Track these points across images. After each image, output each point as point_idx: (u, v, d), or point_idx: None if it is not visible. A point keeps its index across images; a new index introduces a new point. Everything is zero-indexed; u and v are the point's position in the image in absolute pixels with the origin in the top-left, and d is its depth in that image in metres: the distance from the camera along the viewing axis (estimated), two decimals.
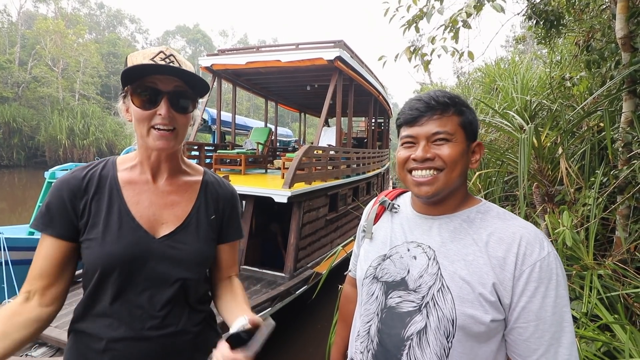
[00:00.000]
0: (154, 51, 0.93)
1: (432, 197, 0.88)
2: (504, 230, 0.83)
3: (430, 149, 0.86)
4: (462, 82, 10.11)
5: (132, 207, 0.96)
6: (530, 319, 0.77)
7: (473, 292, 0.80)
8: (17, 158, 25.62)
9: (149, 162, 1.00)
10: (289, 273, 4.68)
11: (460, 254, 0.84)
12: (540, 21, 2.89)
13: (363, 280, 1.00)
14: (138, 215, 0.96)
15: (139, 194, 0.99)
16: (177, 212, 1.02)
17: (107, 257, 0.91)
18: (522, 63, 5.64)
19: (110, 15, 51.12)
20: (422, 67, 2.82)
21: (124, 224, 0.94)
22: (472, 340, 0.80)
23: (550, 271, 0.77)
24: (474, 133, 0.89)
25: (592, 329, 1.60)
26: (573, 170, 2.44)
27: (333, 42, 6.29)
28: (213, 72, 7.18)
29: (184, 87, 0.94)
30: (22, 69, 27.11)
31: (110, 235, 0.92)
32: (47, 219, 0.93)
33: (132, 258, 0.93)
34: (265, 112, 10.86)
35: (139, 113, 0.91)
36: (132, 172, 1.01)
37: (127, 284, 0.93)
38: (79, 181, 0.96)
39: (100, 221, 0.93)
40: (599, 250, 2.23)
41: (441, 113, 0.86)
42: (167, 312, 0.96)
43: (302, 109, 13.45)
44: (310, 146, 5.38)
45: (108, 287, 0.92)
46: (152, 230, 0.97)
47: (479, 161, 0.91)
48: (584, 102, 2.85)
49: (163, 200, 1.01)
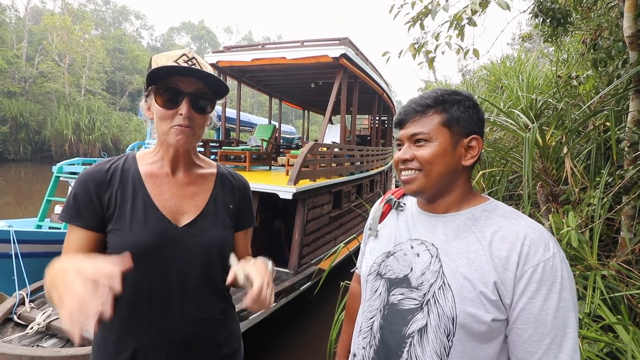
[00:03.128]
0: (177, 54, 0.99)
1: (417, 195, 0.92)
2: (509, 229, 0.82)
3: (411, 150, 0.90)
4: (467, 80, 10.05)
5: (155, 199, 1.02)
6: (529, 321, 0.75)
7: (474, 290, 0.79)
8: (23, 152, 25.81)
9: (168, 157, 1.07)
10: (293, 269, 4.70)
11: (463, 251, 0.84)
12: (547, 19, 2.86)
13: (367, 276, 1.01)
14: (161, 205, 1.02)
15: (160, 186, 1.05)
16: (196, 202, 1.08)
17: (136, 244, 0.96)
18: (528, 61, 5.58)
19: (116, 11, 51.35)
20: (427, 64, 2.81)
21: (149, 214, 1.00)
22: (473, 340, 0.80)
23: (554, 273, 0.75)
24: (465, 128, 0.88)
25: (594, 330, 1.60)
26: (578, 170, 2.42)
27: (338, 39, 6.27)
28: (219, 69, 7.19)
29: (204, 89, 1.00)
30: (29, 64, 27.27)
31: (137, 224, 0.98)
32: (74, 211, 0.97)
33: (158, 245, 0.98)
34: (269, 109, 10.86)
35: (162, 112, 0.97)
36: (153, 166, 1.07)
37: (153, 270, 0.98)
38: (103, 174, 1.01)
39: (127, 211, 0.99)
40: (603, 250, 2.21)
41: (421, 115, 0.89)
42: (191, 297, 1.02)
43: (305, 106, 13.42)
44: (315, 143, 5.38)
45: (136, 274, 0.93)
46: (175, 219, 1.03)
47: (475, 157, 0.89)
48: (590, 101, 2.83)
49: (183, 192, 1.07)
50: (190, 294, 1.03)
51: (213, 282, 1.07)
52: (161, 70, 0.94)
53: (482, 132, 0.91)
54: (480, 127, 0.90)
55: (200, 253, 1.04)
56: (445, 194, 0.91)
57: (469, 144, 0.89)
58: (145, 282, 0.98)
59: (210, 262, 1.06)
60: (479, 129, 0.90)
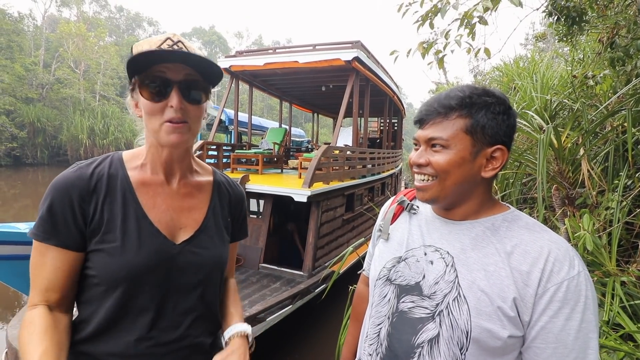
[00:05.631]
0: (161, 38, 0.85)
1: (430, 203, 0.88)
2: (532, 243, 0.77)
3: (426, 155, 0.84)
4: (479, 81, 9.93)
5: (149, 212, 0.88)
6: (549, 341, 0.71)
7: (492, 304, 0.75)
8: (40, 156, 26.42)
9: (161, 161, 0.92)
10: (307, 271, 4.73)
11: (481, 263, 0.79)
12: (562, 18, 2.80)
13: (376, 281, 0.97)
14: (156, 220, 0.89)
15: (154, 196, 0.91)
16: (194, 215, 0.96)
17: (132, 266, 0.83)
18: (542, 61, 5.49)
19: (130, 18, 52.32)
20: (437, 64, 2.76)
21: (143, 230, 0.86)
22: (485, 355, 0.76)
23: (578, 292, 0.70)
24: (491, 137, 0.80)
25: (613, 338, 1.55)
26: (595, 173, 2.36)
27: (350, 42, 6.27)
28: (231, 73, 7.25)
29: (195, 76, 0.85)
30: (46, 71, 27.98)
31: (130, 242, 0.84)
32: (50, 227, 0.80)
33: (156, 267, 0.86)
34: (279, 113, 10.92)
35: (149, 106, 0.82)
36: (143, 171, 0.92)
37: (150, 294, 0.86)
38: (85, 181, 0.84)
39: (117, 227, 0.84)
40: (622, 256, 2.15)
41: (443, 117, 0.81)
42: (189, 322, 0.92)
43: (315, 110, 13.46)
44: (329, 146, 5.40)
45: (130, 299, 0.84)
46: (172, 235, 0.90)
47: (497, 169, 0.81)
48: (607, 101, 2.76)
49: (179, 204, 0.94)
50: (186, 318, 0.91)
51: (209, 305, 0.97)
52: (142, 56, 0.78)
53: (509, 142, 0.82)
54: (508, 137, 0.81)
55: (199, 273, 0.93)
56: (462, 203, 0.86)
57: (492, 154, 0.81)
58: (136, 307, 0.85)
59: (209, 282, 0.96)
60: (507, 139, 0.81)
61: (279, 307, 3.89)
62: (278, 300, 3.82)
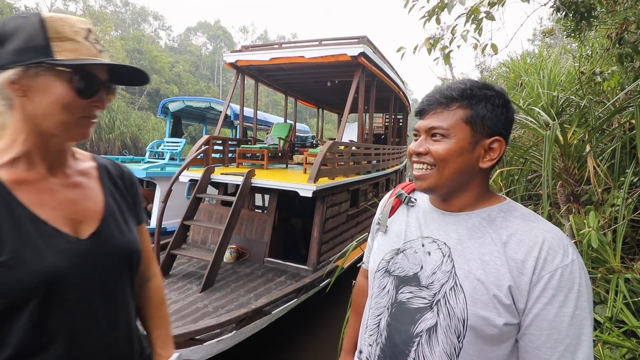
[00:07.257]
0: (83, 28, 0.78)
1: (428, 192, 0.90)
2: (526, 232, 0.79)
3: (426, 144, 0.86)
4: (486, 77, 9.86)
5: (38, 211, 0.77)
6: (543, 327, 0.73)
7: (487, 293, 0.77)
8: None
9: (44, 154, 0.80)
10: (312, 266, 4.77)
11: (477, 253, 0.81)
12: (570, 13, 2.77)
13: (375, 273, 0.99)
14: (50, 218, 0.78)
15: (38, 194, 0.79)
16: (91, 205, 0.87)
17: (38, 275, 0.72)
18: (550, 57, 5.44)
19: (135, 12, 52.47)
20: (443, 59, 2.75)
21: (37, 233, 0.75)
22: (483, 342, 0.78)
23: (572, 280, 0.73)
24: (490, 129, 0.82)
25: (616, 335, 1.55)
26: (601, 170, 2.35)
27: (357, 37, 6.22)
28: (237, 68, 7.24)
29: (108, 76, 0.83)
30: None
31: (29, 249, 0.72)
32: None
33: (68, 269, 0.76)
34: (284, 108, 10.91)
35: (70, 99, 0.75)
36: (15, 169, 0.77)
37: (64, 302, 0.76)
38: None
39: (6, 237, 0.71)
40: (627, 253, 2.14)
41: (444, 107, 0.84)
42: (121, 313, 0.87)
43: (320, 105, 13.43)
44: (334, 142, 5.40)
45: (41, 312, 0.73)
46: (74, 231, 0.81)
47: (494, 160, 0.84)
48: (615, 97, 2.74)
49: (69, 195, 0.84)
50: (119, 311, 0.86)
51: (134, 289, 0.93)
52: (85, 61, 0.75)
53: (507, 135, 0.85)
54: (506, 129, 0.84)
55: (120, 263, 0.86)
56: (459, 193, 0.88)
57: (490, 145, 0.83)
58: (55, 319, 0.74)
59: (132, 268, 0.90)
60: (505, 131, 0.84)
61: (284, 301, 3.94)
62: (283, 294, 3.88)
